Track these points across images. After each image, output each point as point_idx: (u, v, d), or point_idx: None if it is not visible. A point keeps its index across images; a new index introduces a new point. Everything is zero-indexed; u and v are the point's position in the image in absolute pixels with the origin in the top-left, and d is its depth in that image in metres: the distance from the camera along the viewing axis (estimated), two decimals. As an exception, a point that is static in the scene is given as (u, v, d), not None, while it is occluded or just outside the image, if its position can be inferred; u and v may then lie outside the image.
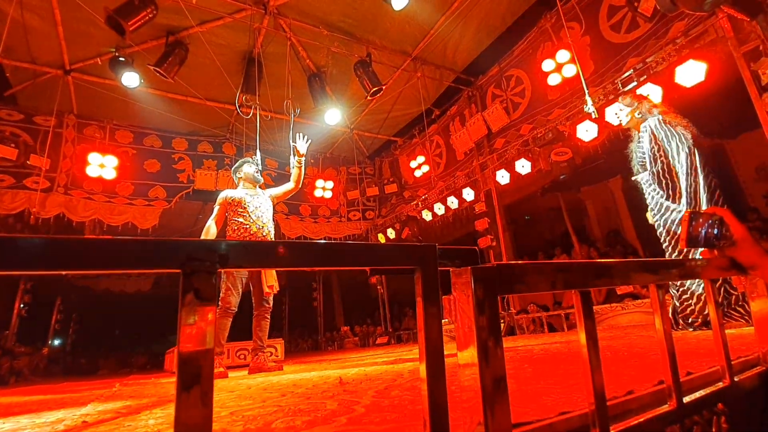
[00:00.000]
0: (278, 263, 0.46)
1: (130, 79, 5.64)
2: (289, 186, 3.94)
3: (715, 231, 1.13)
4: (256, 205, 3.72)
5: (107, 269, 0.39)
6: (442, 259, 0.62)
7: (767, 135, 3.93)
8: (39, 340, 10.95)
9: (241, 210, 3.66)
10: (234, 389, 2.11)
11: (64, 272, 0.39)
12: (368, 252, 0.54)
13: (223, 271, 2.82)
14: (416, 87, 7.11)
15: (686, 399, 0.92)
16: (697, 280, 2.68)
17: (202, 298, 0.42)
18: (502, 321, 6.01)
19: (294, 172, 3.85)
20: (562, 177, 5.40)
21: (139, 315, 14.98)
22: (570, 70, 5.48)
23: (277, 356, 6.20)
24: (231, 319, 3.51)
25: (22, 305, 9.45)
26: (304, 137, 3.83)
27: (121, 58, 5.60)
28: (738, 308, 2.49)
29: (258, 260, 0.46)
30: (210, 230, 3.57)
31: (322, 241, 0.51)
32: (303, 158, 3.83)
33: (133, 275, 12.96)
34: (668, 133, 2.81)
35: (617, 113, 3.20)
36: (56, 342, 12.27)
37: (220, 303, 3.47)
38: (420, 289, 0.58)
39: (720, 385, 1.03)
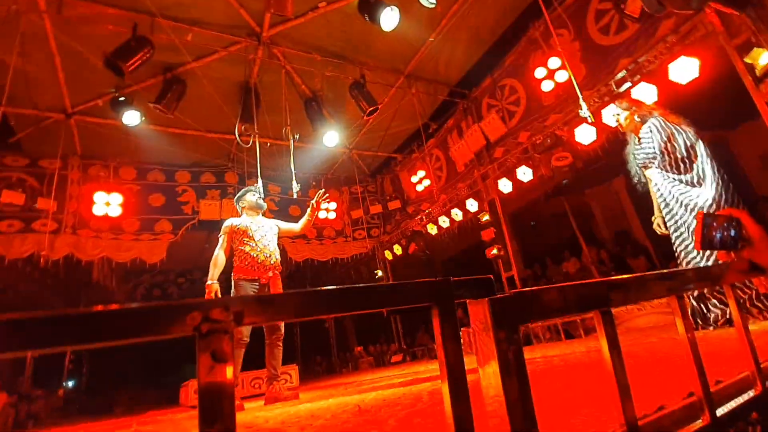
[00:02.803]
0: (295, 314, 0.46)
1: (131, 117, 5.73)
2: (295, 228, 3.96)
3: (733, 233, 1.11)
4: (261, 233, 3.72)
5: (114, 341, 0.38)
6: (458, 290, 0.61)
7: (768, 124, 3.91)
8: (54, 382, 10.90)
9: (247, 239, 3.66)
10: (252, 424, 2.08)
11: (71, 348, 0.38)
12: (384, 293, 0.53)
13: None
14: (412, 103, 7.19)
15: (719, 412, 0.89)
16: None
17: (219, 359, 0.41)
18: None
19: (305, 220, 3.88)
20: (564, 182, 5.38)
21: (151, 348, 14.88)
22: (562, 76, 5.53)
23: (292, 383, 6.12)
24: (244, 350, 3.48)
25: (34, 348, 9.42)
26: (324, 195, 3.86)
27: (121, 98, 5.71)
28: (758, 304, 2.44)
29: (274, 313, 0.45)
30: (219, 260, 3.57)
31: (334, 287, 0.50)
32: (317, 212, 3.85)
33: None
34: (674, 130, 2.83)
35: (614, 115, 3.21)
36: (71, 383, 12.20)
37: (232, 334, 3.44)
38: (438, 325, 0.57)
39: (752, 393, 1.00)
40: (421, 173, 8.42)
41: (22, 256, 6.34)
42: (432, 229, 8.01)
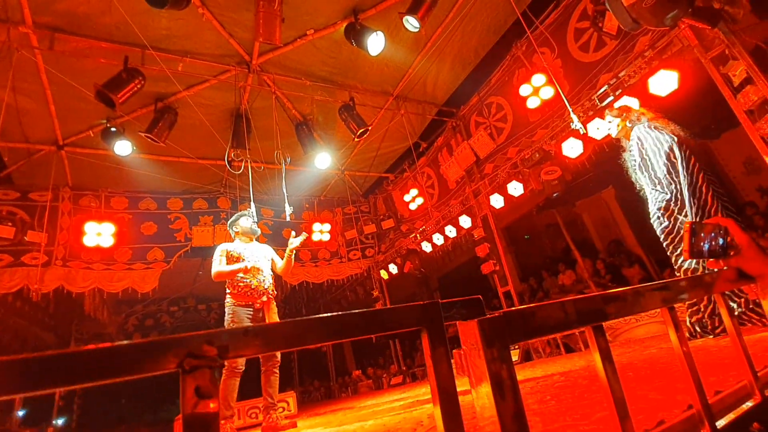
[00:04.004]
0: (282, 345, 0.45)
1: (122, 147, 5.74)
2: (278, 268, 3.81)
3: (721, 241, 1.13)
4: (255, 258, 3.69)
5: (97, 381, 0.37)
6: (447, 312, 0.61)
7: (748, 132, 4.01)
8: (43, 420, 10.52)
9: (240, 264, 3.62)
10: (248, 457, 2.01)
11: (50, 391, 0.37)
12: (374, 318, 0.53)
13: (227, 327, 2.75)
14: (401, 123, 7.29)
15: (719, 424, 0.88)
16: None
17: (203, 395, 0.40)
18: (517, 347, 5.74)
19: (284, 262, 3.72)
20: (555, 195, 5.44)
21: (142, 383, 14.46)
22: (547, 92, 5.66)
23: (290, 411, 5.96)
24: (239, 379, 3.40)
25: (23, 386, 9.13)
26: (302, 236, 3.75)
27: (112, 129, 5.73)
28: (754, 309, 2.45)
29: (260, 345, 0.45)
30: (224, 268, 3.49)
31: (320, 315, 0.50)
32: (294, 252, 3.70)
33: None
34: (656, 138, 2.88)
35: (608, 124, 3.28)
36: (61, 421, 11.76)
37: (226, 363, 3.35)
38: (428, 348, 0.56)
39: (751, 403, 0.99)
40: (414, 192, 8.47)
41: (11, 291, 6.22)
42: (427, 247, 8.00)
